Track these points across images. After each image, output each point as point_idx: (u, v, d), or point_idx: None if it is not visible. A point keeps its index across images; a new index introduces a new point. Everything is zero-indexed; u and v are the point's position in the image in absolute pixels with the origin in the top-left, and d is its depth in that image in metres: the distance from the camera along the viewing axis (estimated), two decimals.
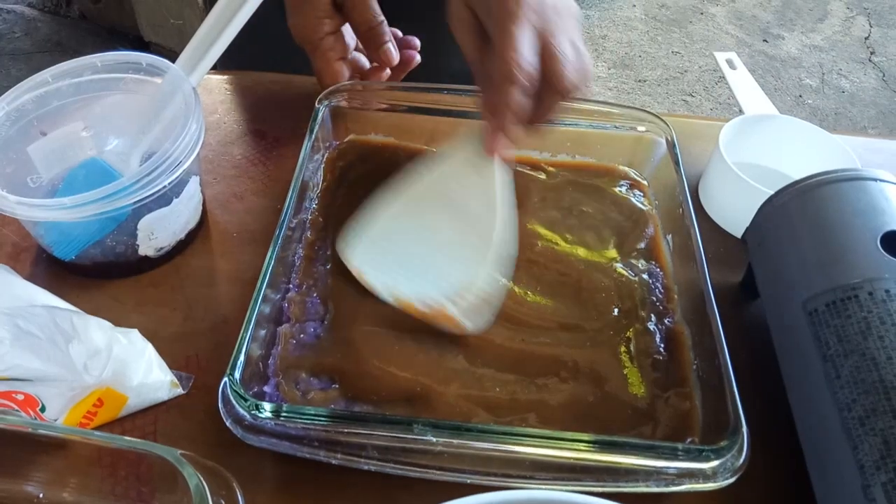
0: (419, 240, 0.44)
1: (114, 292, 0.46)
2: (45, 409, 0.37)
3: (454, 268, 0.42)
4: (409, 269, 0.43)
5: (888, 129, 2.01)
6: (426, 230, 0.44)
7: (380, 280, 0.43)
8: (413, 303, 0.42)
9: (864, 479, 0.33)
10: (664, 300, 0.45)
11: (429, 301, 0.41)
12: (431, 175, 0.44)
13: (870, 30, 2.40)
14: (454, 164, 0.43)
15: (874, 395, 0.34)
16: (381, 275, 0.43)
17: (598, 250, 0.48)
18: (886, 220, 0.39)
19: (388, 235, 0.44)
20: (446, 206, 0.43)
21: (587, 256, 0.48)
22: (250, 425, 0.35)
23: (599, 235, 0.49)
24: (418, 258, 0.43)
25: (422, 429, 0.34)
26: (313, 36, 0.54)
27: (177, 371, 0.41)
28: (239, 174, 0.55)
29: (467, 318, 0.41)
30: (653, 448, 0.35)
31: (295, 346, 0.41)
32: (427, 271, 0.42)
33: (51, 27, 2.05)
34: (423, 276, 0.42)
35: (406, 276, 0.43)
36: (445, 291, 0.41)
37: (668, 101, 2.04)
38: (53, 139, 0.48)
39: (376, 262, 0.43)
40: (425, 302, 0.41)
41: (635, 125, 0.53)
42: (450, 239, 0.43)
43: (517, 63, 0.36)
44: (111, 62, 0.48)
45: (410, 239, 0.44)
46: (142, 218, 0.45)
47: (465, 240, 0.42)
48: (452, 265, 0.42)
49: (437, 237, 0.43)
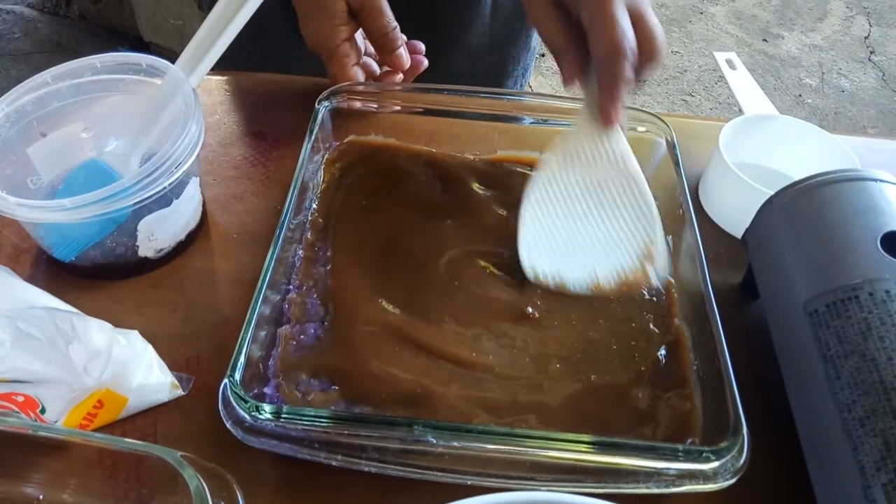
0: (583, 222, 0.45)
1: (114, 294, 0.46)
2: (45, 411, 0.37)
3: (630, 230, 0.45)
4: (589, 253, 0.45)
5: (888, 129, 2.01)
6: (583, 210, 0.45)
7: (573, 279, 0.45)
8: (607, 283, 0.44)
9: (864, 480, 0.33)
10: (664, 301, 0.45)
11: (626, 271, 0.44)
12: (562, 158, 0.45)
13: (869, 29, 2.40)
14: (580, 141, 0.44)
15: (874, 396, 0.34)
16: (572, 273, 0.45)
17: None
18: (886, 221, 0.39)
19: (553, 235, 0.45)
20: (590, 180, 0.45)
21: None
22: (251, 427, 0.35)
23: None
24: (591, 238, 0.45)
25: (422, 430, 0.34)
26: (330, 43, 0.54)
27: (177, 372, 0.41)
28: (239, 175, 0.55)
29: (660, 272, 0.44)
30: (653, 449, 0.35)
31: (295, 348, 0.41)
32: (606, 246, 0.45)
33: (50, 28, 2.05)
34: (606, 252, 0.45)
35: (591, 260, 0.45)
36: (635, 254, 0.44)
37: (667, 101, 2.04)
38: (53, 140, 0.48)
39: (559, 265, 0.45)
40: (621, 274, 0.44)
41: (635, 125, 0.53)
42: (610, 208, 0.45)
43: (625, 39, 0.40)
44: (111, 63, 0.48)
45: (575, 225, 0.45)
46: (142, 219, 0.45)
47: (624, 203, 0.45)
48: (626, 228, 0.45)
49: (596, 212, 0.45)
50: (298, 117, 0.60)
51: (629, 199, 0.45)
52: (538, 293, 0.45)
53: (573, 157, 0.45)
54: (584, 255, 0.45)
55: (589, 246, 0.45)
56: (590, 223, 0.45)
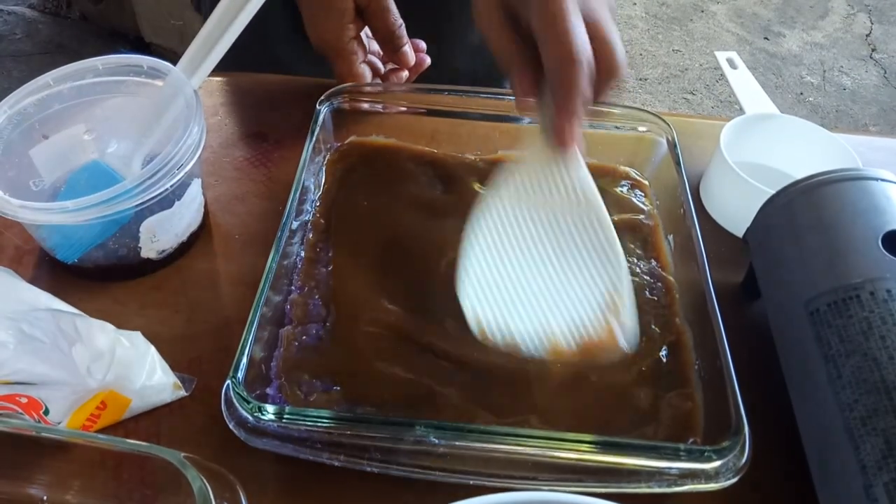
0: (536, 266, 0.38)
1: (116, 295, 0.47)
2: (48, 413, 0.37)
3: (591, 276, 0.37)
4: (543, 304, 0.37)
5: (889, 127, 2.01)
6: (536, 252, 0.38)
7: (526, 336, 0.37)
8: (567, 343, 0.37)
9: (866, 480, 0.33)
10: (665, 300, 0.45)
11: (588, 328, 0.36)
12: (511, 189, 0.39)
13: (871, 26, 2.39)
14: (533, 169, 0.39)
15: (876, 395, 0.34)
16: (524, 328, 0.37)
17: None
18: (888, 220, 0.39)
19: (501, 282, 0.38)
20: (544, 216, 0.39)
21: None
22: (253, 427, 0.35)
23: None
24: (546, 286, 0.38)
25: (424, 430, 0.34)
26: (338, 42, 0.54)
27: (179, 373, 0.41)
28: (240, 176, 0.55)
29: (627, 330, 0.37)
30: (655, 449, 0.35)
31: (297, 348, 0.41)
32: (564, 296, 0.37)
33: (52, 28, 2.05)
34: (563, 304, 0.37)
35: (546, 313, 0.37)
36: (598, 306, 0.36)
37: (669, 100, 2.04)
38: (55, 142, 0.48)
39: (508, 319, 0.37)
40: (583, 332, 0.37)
41: (636, 125, 0.53)
42: (568, 250, 0.38)
43: (578, 48, 0.35)
44: (113, 65, 0.49)
45: (526, 270, 0.38)
46: (144, 220, 0.45)
47: (584, 244, 0.38)
48: (587, 274, 0.37)
49: (552, 254, 0.38)
50: (300, 118, 0.61)
51: (590, 238, 0.38)
52: None
53: (524, 187, 0.39)
54: (537, 307, 0.37)
55: (543, 296, 0.38)
56: (544, 267, 0.38)
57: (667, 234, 0.49)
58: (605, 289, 0.37)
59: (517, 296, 0.38)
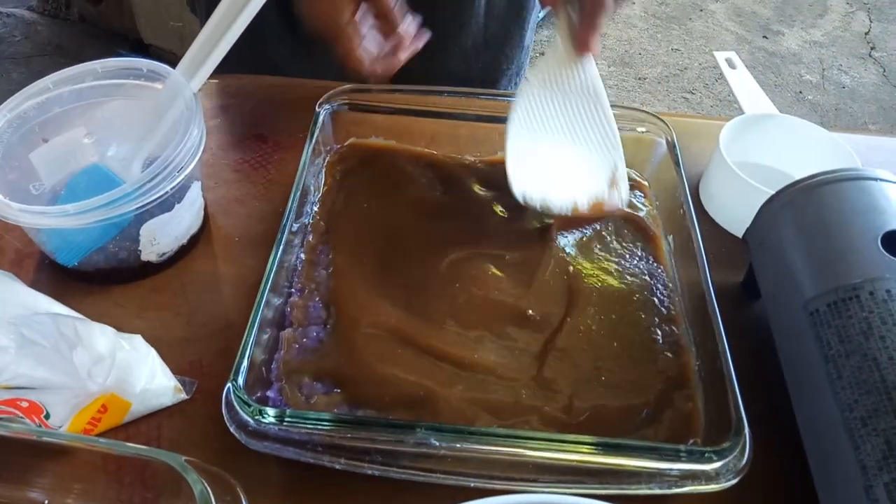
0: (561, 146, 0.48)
1: (117, 298, 0.47)
2: (49, 417, 0.37)
3: (600, 156, 0.48)
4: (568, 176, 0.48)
5: (889, 125, 2.01)
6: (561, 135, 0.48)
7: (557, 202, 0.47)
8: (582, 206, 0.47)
9: (866, 480, 0.33)
10: (665, 301, 0.45)
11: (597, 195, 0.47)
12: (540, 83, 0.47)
13: (870, 25, 2.39)
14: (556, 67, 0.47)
15: (876, 396, 0.34)
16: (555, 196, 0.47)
17: (597, 252, 0.48)
18: (887, 220, 0.39)
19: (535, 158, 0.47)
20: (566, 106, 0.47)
21: (586, 259, 0.48)
22: (254, 430, 0.35)
23: (599, 238, 0.49)
24: (569, 162, 0.48)
25: (425, 433, 0.34)
26: (339, 20, 0.53)
27: (180, 376, 0.42)
28: (240, 178, 0.55)
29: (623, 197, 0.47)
30: (655, 450, 0.35)
31: (298, 351, 0.41)
32: (581, 170, 0.48)
33: (51, 30, 2.05)
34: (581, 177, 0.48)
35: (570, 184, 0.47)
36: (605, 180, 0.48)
37: (668, 99, 2.04)
38: (55, 146, 0.48)
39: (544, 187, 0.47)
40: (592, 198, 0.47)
41: (635, 126, 0.53)
42: (583, 134, 0.48)
43: None
44: (112, 68, 0.49)
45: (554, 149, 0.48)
46: (144, 223, 0.45)
47: (595, 130, 0.48)
48: (597, 154, 0.48)
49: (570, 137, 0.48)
50: (299, 120, 0.61)
51: (599, 125, 0.48)
52: (539, 295, 0.45)
53: (550, 82, 0.47)
54: (564, 179, 0.48)
55: (568, 170, 0.48)
56: (566, 148, 0.48)
57: (667, 234, 0.50)
58: (609, 167, 0.48)
59: (548, 169, 0.48)
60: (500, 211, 0.51)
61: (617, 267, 0.47)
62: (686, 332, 0.43)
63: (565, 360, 0.42)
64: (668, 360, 0.42)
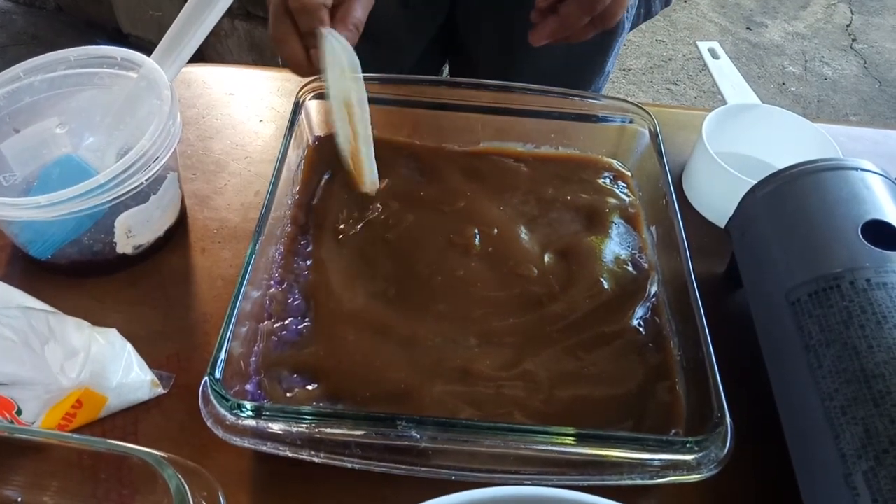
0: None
1: (92, 291, 0.46)
2: (21, 413, 0.36)
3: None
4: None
5: (870, 116, 2.03)
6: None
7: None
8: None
9: (845, 468, 0.33)
10: (648, 291, 0.45)
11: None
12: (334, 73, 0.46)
13: (851, 17, 2.41)
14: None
15: (855, 385, 0.34)
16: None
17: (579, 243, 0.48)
18: (867, 209, 0.39)
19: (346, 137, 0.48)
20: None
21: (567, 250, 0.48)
22: (232, 425, 0.35)
23: (583, 227, 0.49)
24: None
25: (406, 425, 0.34)
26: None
27: (157, 370, 0.41)
28: (218, 169, 0.54)
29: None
30: (637, 440, 0.35)
31: (277, 344, 0.41)
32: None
33: (27, 20, 2.01)
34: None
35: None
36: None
37: (652, 90, 2.05)
38: (27, 136, 0.47)
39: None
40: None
41: (619, 116, 0.53)
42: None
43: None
44: (85, 57, 0.47)
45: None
46: (119, 215, 0.44)
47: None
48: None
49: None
50: (279, 110, 0.60)
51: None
52: (520, 287, 0.45)
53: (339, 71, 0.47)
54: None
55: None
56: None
57: (649, 224, 0.49)
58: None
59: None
60: (482, 201, 0.50)
61: (599, 257, 0.47)
62: (668, 322, 0.43)
63: (546, 352, 0.41)
64: (650, 350, 0.42)
